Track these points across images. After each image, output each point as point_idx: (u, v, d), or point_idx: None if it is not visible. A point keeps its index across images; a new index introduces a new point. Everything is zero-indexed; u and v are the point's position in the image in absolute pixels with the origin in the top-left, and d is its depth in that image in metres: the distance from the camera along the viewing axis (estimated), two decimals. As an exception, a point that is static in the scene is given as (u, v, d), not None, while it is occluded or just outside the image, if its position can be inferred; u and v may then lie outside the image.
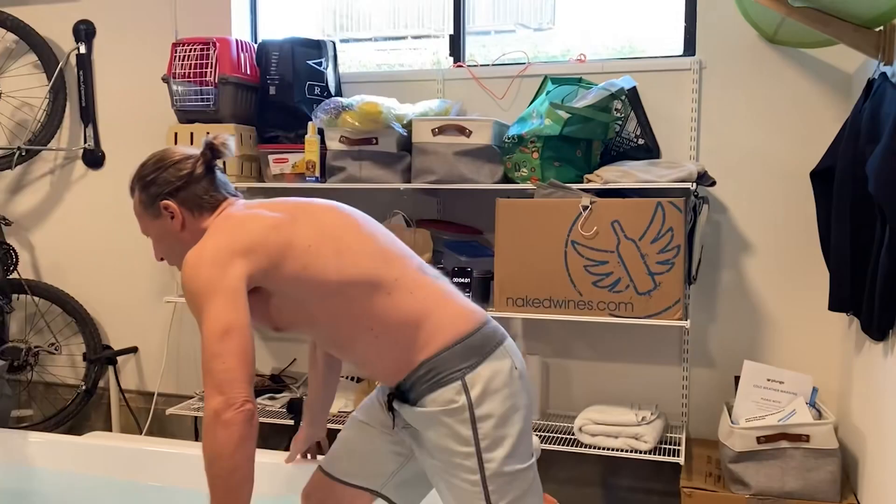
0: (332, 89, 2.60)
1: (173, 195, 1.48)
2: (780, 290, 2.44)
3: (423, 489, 1.64)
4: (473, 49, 2.85)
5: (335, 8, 3.25)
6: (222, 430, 1.25)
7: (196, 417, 2.92)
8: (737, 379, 2.33)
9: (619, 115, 2.41)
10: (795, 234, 2.40)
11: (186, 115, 2.57)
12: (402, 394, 1.43)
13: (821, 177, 2.17)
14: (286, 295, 1.41)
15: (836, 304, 2.09)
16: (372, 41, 3.29)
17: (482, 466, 1.38)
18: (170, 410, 2.74)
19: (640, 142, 2.44)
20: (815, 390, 2.25)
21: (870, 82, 1.95)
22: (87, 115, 3.09)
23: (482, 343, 1.41)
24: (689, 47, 2.51)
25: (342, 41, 3.21)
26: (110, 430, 3.06)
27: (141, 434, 3.05)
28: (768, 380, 2.29)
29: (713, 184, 2.28)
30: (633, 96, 2.44)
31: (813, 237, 2.35)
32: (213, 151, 1.51)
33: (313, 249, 1.40)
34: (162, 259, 1.58)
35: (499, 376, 1.40)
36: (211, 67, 2.49)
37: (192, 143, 2.54)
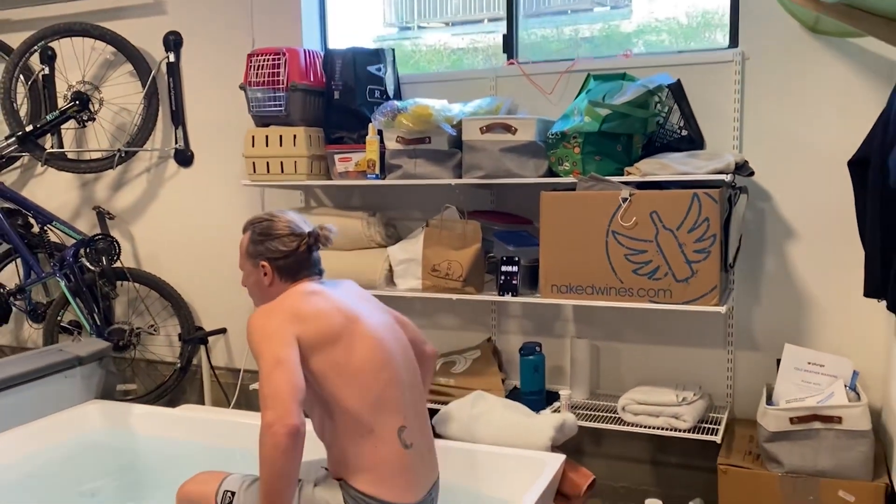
0: (391, 92, 2.80)
1: (272, 261, 1.85)
2: (824, 276, 2.49)
3: None
4: (547, 32, 2.95)
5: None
6: (270, 441, 1.54)
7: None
8: (779, 362, 2.41)
9: (661, 108, 2.51)
10: (838, 222, 2.45)
11: (262, 120, 2.83)
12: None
13: (857, 166, 2.20)
14: (308, 379, 1.72)
15: (870, 291, 2.14)
16: (446, 27, 3.41)
17: None
18: (254, 385, 3.04)
19: (684, 133, 2.53)
20: (855, 374, 2.31)
21: (901, 74, 1.99)
22: (178, 118, 3.40)
23: None
24: (733, 39, 2.57)
25: (420, 27, 3.38)
26: (203, 402, 3.40)
27: (229, 406, 3.37)
28: (809, 363, 2.37)
29: (752, 174, 2.35)
30: (677, 89, 2.53)
31: (855, 224, 2.40)
32: (316, 239, 1.87)
33: (339, 368, 1.72)
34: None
35: None
36: (282, 76, 2.73)
37: (266, 145, 2.79)
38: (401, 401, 1.79)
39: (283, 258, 1.84)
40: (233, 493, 1.84)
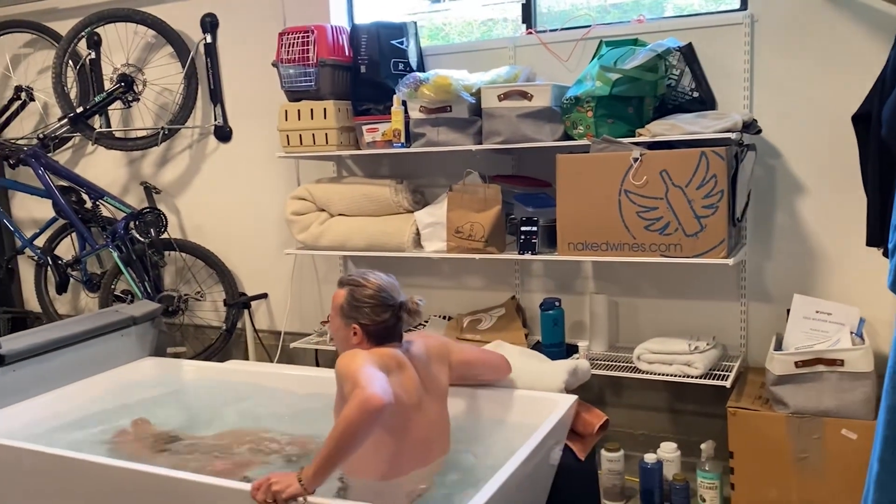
0: (414, 64, 2.94)
1: (364, 326, 2.00)
2: (832, 228, 2.59)
3: None
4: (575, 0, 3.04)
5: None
6: (353, 408, 1.69)
7: (316, 350, 3.41)
8: (789, 311, 2.52)
9: (673, 71, 2.60)
10: (845, 176, 2.53)
11: (294, 95, 3.00)
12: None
13: (861, 121, 2.29)
14: None
15: (871, 241, 2.25)
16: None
17: None
18: (294, 344, 3.25)
19: (695, 94, 2.63)
20: (862, 321, 2.42)
21: (898, 30, 2.07)
22: (216, 96, 3.59)
23: None
24: (743, 2, 2.65)
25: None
26: (248, 363, 3.62)
27: (272, 366, 3.59)
28: (817, 311, 2.48)
29: (759, 132, 2.45)
30: (689, 52, 2.62)
31: (860, 178, 2.49)
32: (407, 311, 2.02)
33: (392, 434, 1.90)
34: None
35: None
36: (311, 52, 2.89)
37: (299, 119, 2.96)
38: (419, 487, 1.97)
39: (374, 325, 1.99)
40: None
